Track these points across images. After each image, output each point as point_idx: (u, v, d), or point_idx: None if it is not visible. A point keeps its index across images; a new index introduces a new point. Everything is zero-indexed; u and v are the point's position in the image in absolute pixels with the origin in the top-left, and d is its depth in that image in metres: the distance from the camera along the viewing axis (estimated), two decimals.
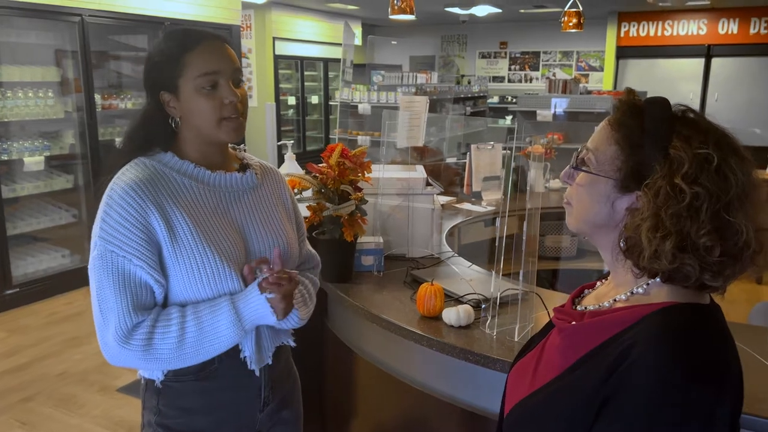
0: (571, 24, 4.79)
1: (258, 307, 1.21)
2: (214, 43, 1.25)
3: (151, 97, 1.27)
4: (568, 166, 0.93)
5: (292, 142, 2.38)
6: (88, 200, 4.98)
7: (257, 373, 1.31)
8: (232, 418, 1.31)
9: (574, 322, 0.91)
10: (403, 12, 3.82)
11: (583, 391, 0.81)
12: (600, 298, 0.94)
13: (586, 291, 1.02)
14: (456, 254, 2.41)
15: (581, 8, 4.86)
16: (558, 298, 1.93)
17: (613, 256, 0.88)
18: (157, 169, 1.25)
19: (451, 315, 1.70)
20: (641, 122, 0.85)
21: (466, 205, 3.36)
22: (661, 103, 0.86)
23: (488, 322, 1.71)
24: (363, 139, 6.60)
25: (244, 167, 1.38)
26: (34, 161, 4.61)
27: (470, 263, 2.31)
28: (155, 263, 1.19)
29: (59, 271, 4.77)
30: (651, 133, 0.84)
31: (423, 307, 1.76)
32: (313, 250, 1.57)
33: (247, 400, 1.33)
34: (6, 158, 4.45)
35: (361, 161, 2.03)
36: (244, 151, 1.44)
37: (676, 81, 9.26)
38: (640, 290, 0.86)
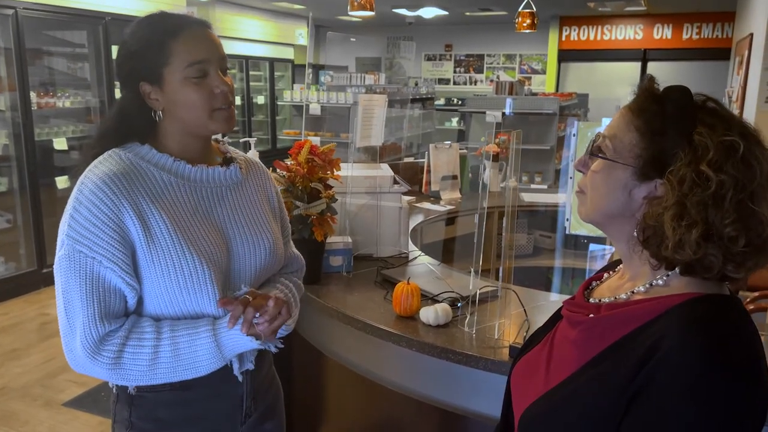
0: (525, 24, 4.88)
1: (241, 340, 1.13)
2: (200, 29, 1.16)
3: (129, 89, 1.16)
4: (583, 154, 0.91)
5: (254, 139, 2.30)
6: (23, 205, 4.69)
7: (240, 379, 1.23)
8: (211, 430, 1.23)
9: (591, 315, 0.89)
10: (363, 8, 3.79)
11: (610, 385, 0.79)
12: (614, 290, 0.92)
13: (594, 283, 1.00)
14: (422, 253, 2.38)
15: (534, 9, 4.95)
16: (532, 295, 1.93)
17: (629, 247, 0.87)
18: (133, 163, 1.15)
19: (429, 314, 1.67)
20: (663, 109, 0.84)
21: (426, 205, 3.35)
22: (683, 90, 0.85)
23: (467, 320, 1.68)
24: (314, 140, 6.50)
25: (227, 161, 1.29)
26: None
27: (439, 261, 2.30)
28: (128, 266, 1.10)
29: None
30: (674, 119, 0.82)
31: (399, 307, 1.72)
32: (298, 252, 1.50)
33: (228, 411, 1.25)
34: None
35: (330, 158, 1.98)
36: (227, 144, 1.35)
37: (614, 84, 9.58)
38: (660, 282, 0.85)
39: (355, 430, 1.99)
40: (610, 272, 0.99)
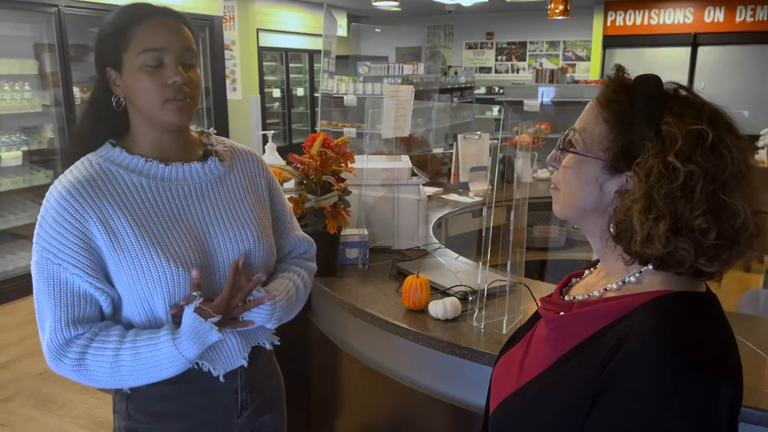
0: (557, 11, 4.74)
1: (200, 340, 1.11)
2: (165, 18, 1.15)
3: (99, 74, 1.18)
4: (554, 149, 0.89)
5: (273, 132, 2.31)
6: None
7: (222, 380, 1.23)
8: (206, 423, 1.24)
9: (562, 313, 0.86)
10: None
11: (575, 384, 0.77)
12: (589, 287, 0.90)
13: (573, 280, 0.97)
14: (443, 246, 2.36)
15: None
16: (546, 289, 1.89)
17: (602, 242, 0.84)
18: (102, 167, 1.16)
19: (438, 308, 1.65)
20: (631, 99, 0.81)
21: (453, 196, 3.31)
22: (652, 79, 0.82)
23: (475, 314, 1.66)
24: (349, 131, 6.53)
25: (206, 155, 1.27)
26: (11, 156, 4.49)
27: (457, 255, 2.26)
28: (94, 271, 1.11)
29: None
30: (642, 109, 0.79)
31: (408, 300, 1.71)
32: (304, 234, 1.47)
33: (222, 404, 1.25)
34: None
35: (344, 151, 1.97)
36: (214, 134, 1.34)
37: (662, 70, 9.05)
38: (633, 279, 0.82)
39: (369, 422, 2.00)
40: (591, 269, 0.96)
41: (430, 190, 3.33)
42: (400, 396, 1.77)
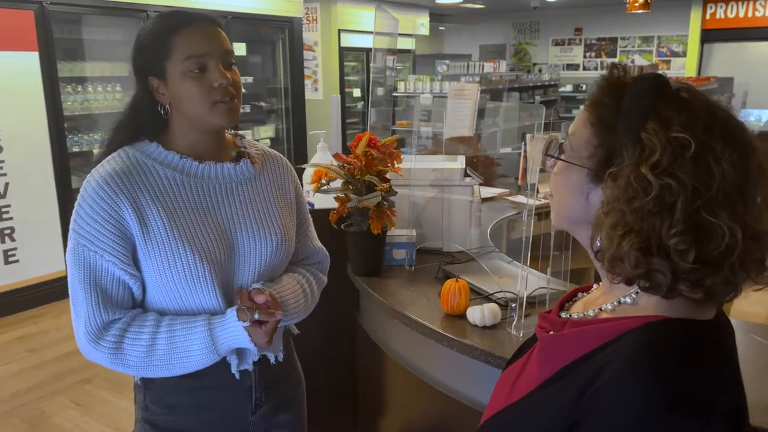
0: (637, 4, 4.45)
1: (234, 333, 1.14)
2: (204, 25, 1.18)
3: (140, 83, 1.21)
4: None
5: (324, 132, 2.32)
6: None
7: (237, 377, 1.24)
8: (219, 418, 1.26)
9: (552, 332, 0.80)
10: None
11: (552, 411, 0.71)
12: (588, 304, 0.82)
13: (579, 295, 0.90)
14: (496, 249, 2.28)
15: None
16: None
17: (591, 257, 0.77)
18: (138, 160, 1.19)
19: (476, 314, 1.60)
20: (618, 102, 0.72)
21: (520, 198, 3.21)
22: (648, 78, 0.72)
23: (514, 322, 1.59)
24: (426, 130, 6.49)
25: (238, 156, 1.30)
26: None
27: (511, 259, 2.18)
28: (128, 258, 1.15)
29: None
30: (625, 113, 0.71)
31: (447, 305, 1.66)
32: (320, 245, 1.49)
33: (236, 400, 1.26)
34: (77, 150, 4.66)
35: (391, 151, 1.95)
36: (245, 138, 1.37)
37: (767, 66, 8.56)
38: (629, 300, 0.74)
39: (411, 425, 1.97)
40: (599, 284, 0.88)
41: (495, 191, 3.25)
42: (436, 402, 1.73)
